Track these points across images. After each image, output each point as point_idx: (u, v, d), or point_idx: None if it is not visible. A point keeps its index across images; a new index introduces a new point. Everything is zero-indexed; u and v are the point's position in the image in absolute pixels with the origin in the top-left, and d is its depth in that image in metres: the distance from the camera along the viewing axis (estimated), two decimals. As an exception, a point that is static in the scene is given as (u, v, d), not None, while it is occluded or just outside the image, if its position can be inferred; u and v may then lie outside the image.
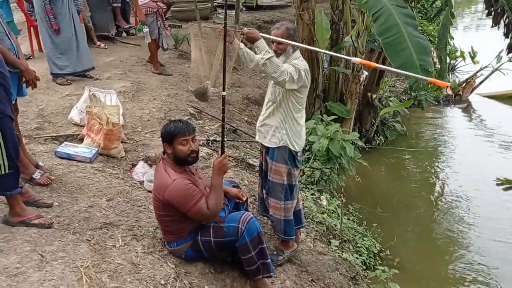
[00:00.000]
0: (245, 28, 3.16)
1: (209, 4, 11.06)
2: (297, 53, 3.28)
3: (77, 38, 5.58)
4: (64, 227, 2.91)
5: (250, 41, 3.09)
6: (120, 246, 2.86)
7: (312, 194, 4.92)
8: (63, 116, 4.69)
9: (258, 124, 3.43)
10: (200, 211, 2.68)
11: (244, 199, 3.21)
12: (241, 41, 3.13)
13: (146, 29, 6.17)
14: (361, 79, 6.90)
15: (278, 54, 3.19)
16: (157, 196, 2.75)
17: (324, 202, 4.90)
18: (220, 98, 3.11)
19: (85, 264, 2.54)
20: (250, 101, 7.06)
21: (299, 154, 3.37)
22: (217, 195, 2.74)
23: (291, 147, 3.29)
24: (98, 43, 7.48)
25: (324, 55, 6.99)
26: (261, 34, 3.15)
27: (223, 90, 2.81)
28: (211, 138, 5.09)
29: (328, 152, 5.15)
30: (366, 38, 6.34)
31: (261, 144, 3.46)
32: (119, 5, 8.21)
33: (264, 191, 3.55)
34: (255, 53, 3.16)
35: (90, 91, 4.57)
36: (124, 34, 8.58)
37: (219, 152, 2.86)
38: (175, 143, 2.67)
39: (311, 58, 6.62)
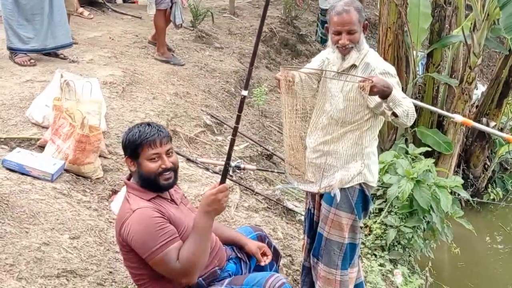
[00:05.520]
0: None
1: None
2: (365, 42, 3.38)
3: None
4: (5, 269, 3.02)
5: (380, 95, 3.01)
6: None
7: (381, 265, 4.91)
8: (18, 110, 4.83)
9: (310, 155, 3.48)
10: (164, 261, 2.61)
11: (267, 261, 3.15)
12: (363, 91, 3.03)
13: None
14: (474, 96, 6.88)
15: (347, 50, 3.27)
16: (118, 239, 2.78)
17: (399, 279, 4.87)
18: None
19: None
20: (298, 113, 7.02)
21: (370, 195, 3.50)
22: (197, 243, 2.68)
23: (371, 183, 3.45)
24: (81, 10, 7.78)
25: (419, 53, 7.03)
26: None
27: (245, 89, 2.79)
28: (233, 164, 5.08)
29: (412, 203, 5.08)
30: (487, 34, 6.33)
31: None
32: (116, -44, 8.62)
33: (311, 256, 3.63)
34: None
35: (62, 76, 4.64)
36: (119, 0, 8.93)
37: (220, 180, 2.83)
38: (141, 157, 2.72)
39: (398, 57, 6.74)
